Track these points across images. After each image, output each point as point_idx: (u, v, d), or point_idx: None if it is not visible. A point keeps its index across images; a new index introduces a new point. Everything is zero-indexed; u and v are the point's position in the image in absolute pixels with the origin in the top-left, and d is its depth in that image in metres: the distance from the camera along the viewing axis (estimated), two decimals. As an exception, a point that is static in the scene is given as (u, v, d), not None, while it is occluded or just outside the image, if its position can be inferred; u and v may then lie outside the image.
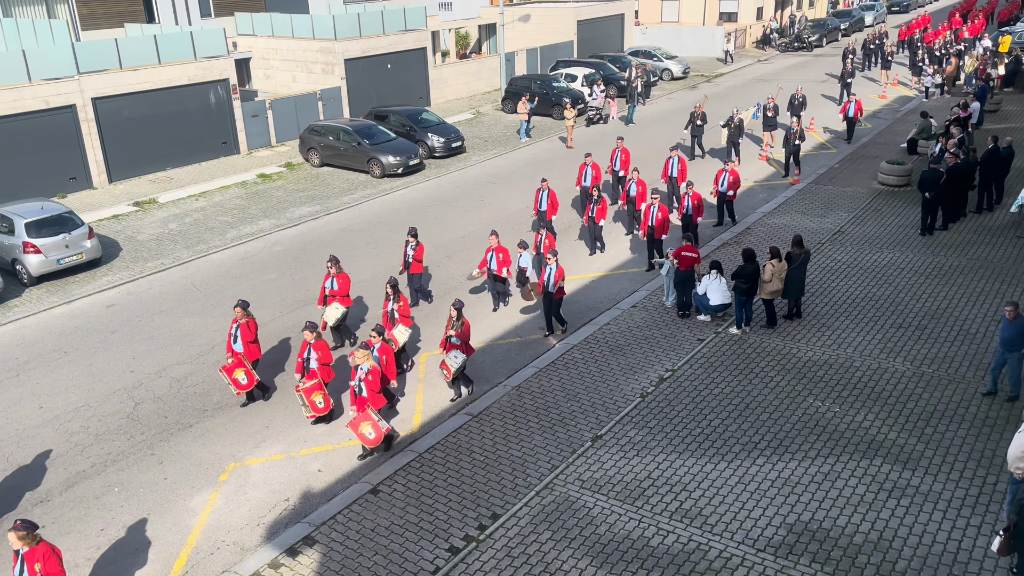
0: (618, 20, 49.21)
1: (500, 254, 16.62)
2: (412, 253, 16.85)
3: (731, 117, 25.74)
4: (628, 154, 22.61)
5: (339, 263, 15.37)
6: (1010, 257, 18.21)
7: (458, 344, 13.55)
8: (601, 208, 19.30)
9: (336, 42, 33.00)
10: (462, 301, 13.76)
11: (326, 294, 15.38)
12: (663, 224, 18.02)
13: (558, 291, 15.47)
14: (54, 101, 24.73)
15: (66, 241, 19.23)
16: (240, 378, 13.62)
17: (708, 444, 12.19)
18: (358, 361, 12.21)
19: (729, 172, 20.47)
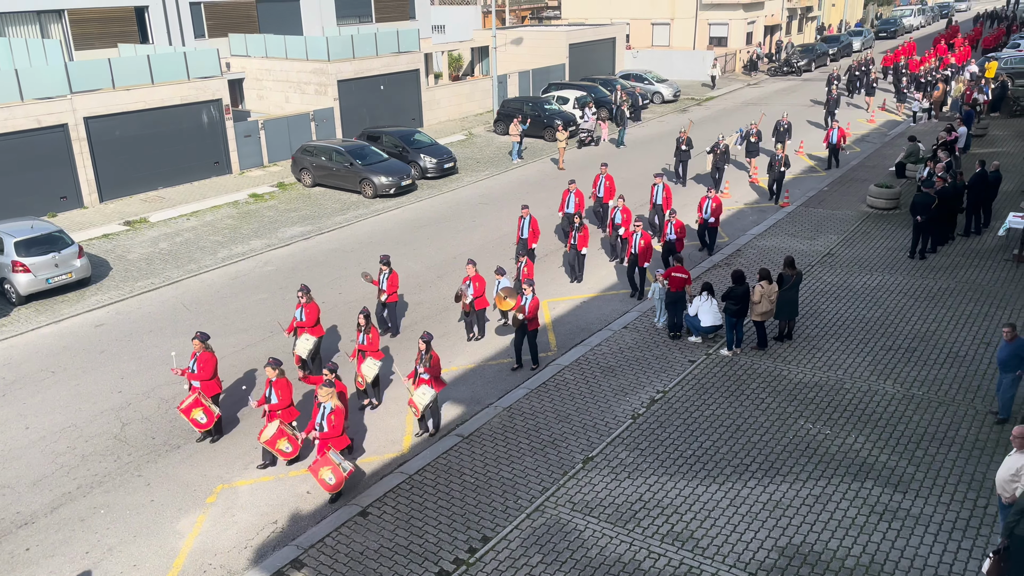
0: (609, 44, 49.65)
1: (476, 283, 16.24)
2: (385, 282, 16.45)
3: (716, 143, 25.74)
4: (612, 180, 22.55)
5: (309, 292, 15.02)
6: (998, 280, 18.33)
7: (427, 379, 13.05)
8: (583, 236, 19.03)
9: (329, 63, 33.15)
10: (431, 334, 13.20)
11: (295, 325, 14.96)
12: (646, 251, 17.92)
13: (532, 321, 15.02)
14: (46, 120, 24.72)
15: (55, 260, 19.14)
16: (199, 418, 13.07)
17: (699, 466, 12.16)
18: (321, 399, 11.76)
19: (712, 200, 20.25)
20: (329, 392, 11.73)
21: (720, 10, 53.07)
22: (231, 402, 14.67)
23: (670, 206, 21.07)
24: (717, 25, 53.67)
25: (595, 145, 34.02)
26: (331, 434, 11.69)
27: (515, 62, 44.96)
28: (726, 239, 22.28)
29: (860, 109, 38.84)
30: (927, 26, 76.21)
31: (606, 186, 22.44)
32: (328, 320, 17.86)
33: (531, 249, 19.34)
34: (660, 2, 54.69)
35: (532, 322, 15.03)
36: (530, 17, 67.38)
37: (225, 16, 37.92)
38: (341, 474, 11.53)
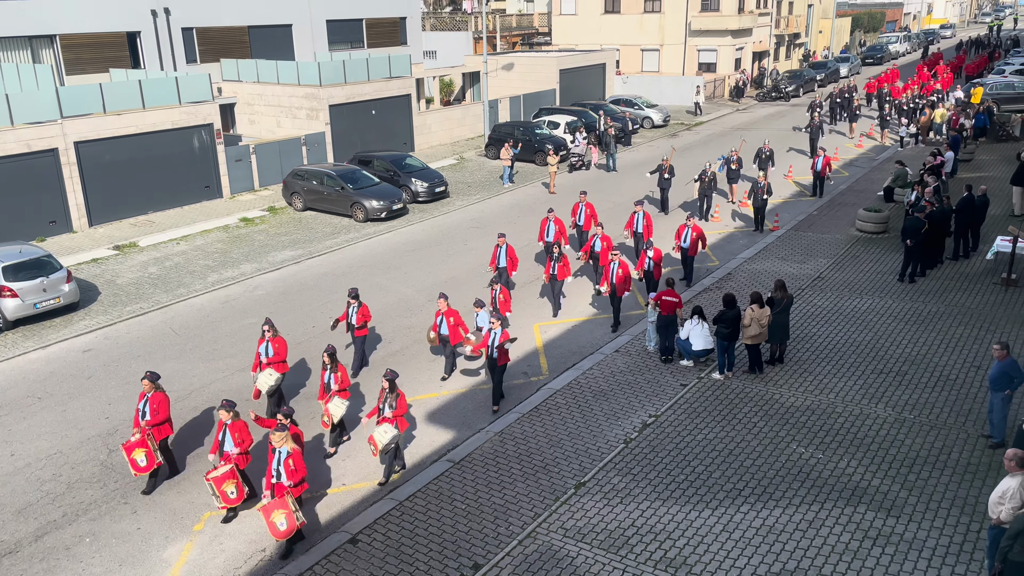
0: (599, 69, 50.11)
1: (451, 318, 15.71)
2: (355, 315, 15.82)
3: (704, 171, 25.60)
4: (592, 208, 22.24)
5: (275, 327, 14.46)
6: (987, 303, 18.43)
7: (390, 417, 12.49)
8: (563, 265, 18.61)
9: (321, 88, 33.30)
10: (395, 372, 12.74)
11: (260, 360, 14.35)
12: (624, 281, 17.61)
13: (502, 355, 14.56)
14: (36, 145, 24.68)
15: (44, 285, 19.00)
16: (139, 459, 12.30)
17: (692, 491, 12.09)
18: (276, 444, 11.06)
19: (692, 228, 19.80)
20: (283, 437, 11.08)
21: (708, 36, 53.68)
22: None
23: (650, 234, 20.86)
24: (706, 51, 54.26)
25: (586, 169, 34.19)
26: (292, 480, 11.03)
27: (506, 87, 45.30)
28: (716, 263, 22.36)
29: (843, 136, 39.03)
30: (912, 52, 77.21)
31: (586, 214, 22.15)
32: (317, 344, 17.78)
33: (509, 277, 19.02)
34: (649, 28, 55.30)
35: (502, 356, 14.56)
36: (521, 43, 67.97)
37: (217, 41, 38.14)
38: (294, 522, 10.85)
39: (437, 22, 65.77)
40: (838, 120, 42.11)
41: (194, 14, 37.20)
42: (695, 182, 26.10)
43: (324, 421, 13.48)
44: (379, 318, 19.12)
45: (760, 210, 24.55)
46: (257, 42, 39.84)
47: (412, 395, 15.57)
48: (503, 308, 16.62)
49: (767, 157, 28.73)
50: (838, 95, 42.61)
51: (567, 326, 18.59)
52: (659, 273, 18.61)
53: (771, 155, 28.90)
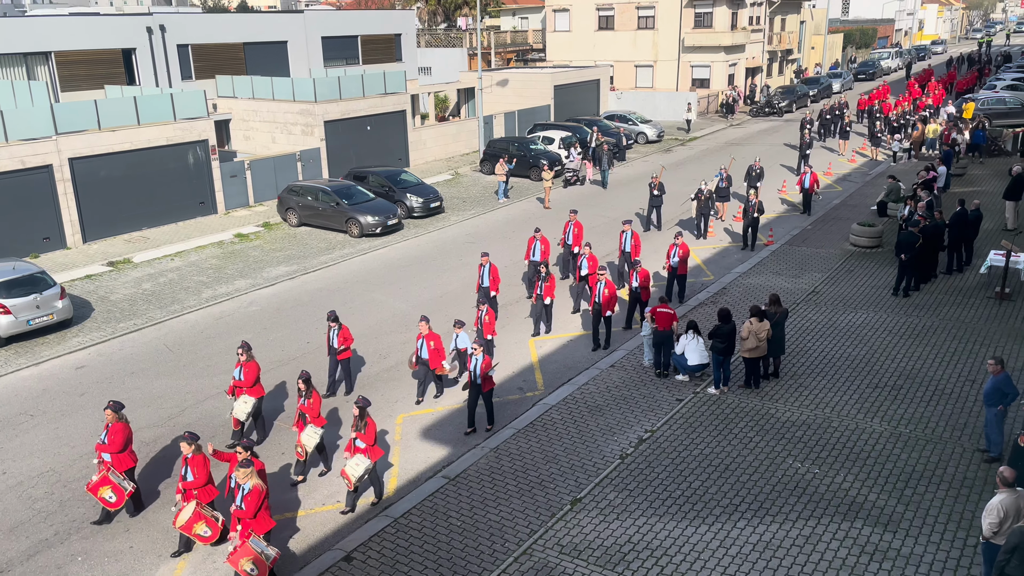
0: (594, 85, 50.37)
1: (431, 342, 15.29)
2: (336, 339, 15.46)
3: (700, 190, 25.41)
4: (581, 227, 21.94)
5: (250, 350, 13.98)
6: (981, 317, 18.47)
7: (362, 448, 12.08)
8: (549, 285, 18.36)
9: (316, 104, 33.38)
10: (367, 399, 12.27)
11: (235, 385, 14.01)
12: (610, 300, 17.37)
13: (486, 382, 14.23)
14: (30, 161, 24.66)
15: (37, 302, 18.93)
16: (108, 496, 11.80)
17: (688, 507, 12.04)
18: (239, 479, 10.49)
19: (679, 246, 19.58)
20: (247, 472, 10.49)
21: (702, 53, 54.03)
22: (213, 445, 14.43)
23: (638, 254, 20.65)
24: (699, 67, 54.61)
25: (580, 184, 34.28)
26: (246, 515, 10.45)
27: (501, 103, 45.49)
28: (711, 277, 22.40)
29: (834, 153, 39.00)
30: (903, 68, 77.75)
31: (575, 233, 21.81)
32: (310, 361, 17.73)
33: (493, 297, 18.69)
34: (643, 45, 55.67)
35: (486, 382, 14.27)
36: (515, 59, 68.33)
37: (212, 58, 38.27)
38: (264, 564, 10.31)
39: (432, 39, 66.13)
40: (829, 137, 42.04)
41: (189, 31, 37.36)
42: (692, 201, 25.82)
43: (298, 452, 12.92)
44: (374, 333, 19.09)
45: (752, 227, 24.29)
46: (252, 59, 40.00)
47: (407, 411, 15.52)
48: (487, 330, 16.37)
49: (757, 174, 28.49)
50: (828, 112, 42.43)
51: (562, 341, 18.57)
52: (646, 294, 18.33)
53: (761, 172, 28.70)
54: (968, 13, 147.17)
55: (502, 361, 17.50)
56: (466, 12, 72.04)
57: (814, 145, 37.98)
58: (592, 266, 19.07)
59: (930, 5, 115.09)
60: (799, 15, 68.23)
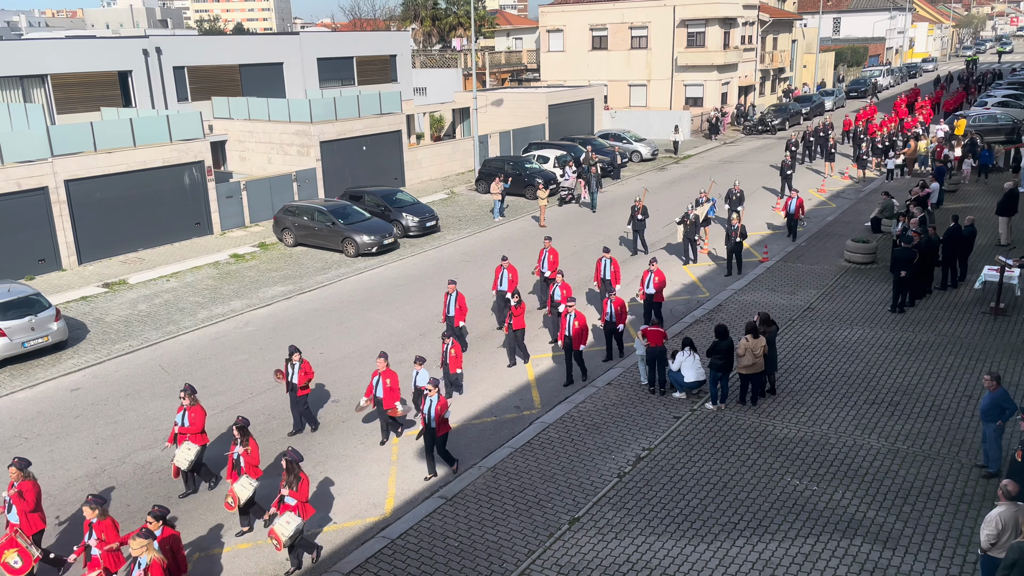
0: (588, 104, 50.66)
1: (387, 379, 14.40)
2: (297, 374, 14.79)
3: (686, 214, 24.80)
4: (556, 255, 21.18)
5: (194, 393, 13.26)
6: (977, 332, 18.51)
7: (292, 505, 11.20)
8: (518, 316, 17.60)
9: (312, 125, 33.52)
10: (298, 453, 11.41)
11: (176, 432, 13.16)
12: (580, 333, 16.54)
13: (441, 425, 13.38)
14: (26, 183, 24.68)
15: (32, 324, 18.88)
16: (12, 562, 10.69)
17: (687, 525, 11.98)
18: (134, 552, 9.37)
19: (655, 273, 18.92)
20: (143, 545, 9.39)
21: (695, 72, 54.44)
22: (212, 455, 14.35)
23: (618, 282, 19.96)
24: (692, 86, 54.99)
25: (576, 203, 34.38)
26: None
27: (496, 122, 45.72)
28: (707, 294, 22.43)
29: (819, 174, 37.93)
30: (895, 86, 78.42)
31: (550, 260, 21.02)
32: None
33: (459, 328, 18.11)
34: (636, 64, 56.08)
35: (441, 425, 13.42)
36: (510, 79, 68.76)
37: (208, 80, 38.46)
38: None
39: (427, 59, 66.55)
40: (814, 159, 40.96)
41: (185, 53, 37.56)
42: (678, 225, 25.20)
43: (228, 503, 11.90)
44: (370, 352, 19.04)
45: (735, 253, 23.56)
46: (248, 80, 40.20)
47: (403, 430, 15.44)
48: (453, 365, 15.86)
49: (737, 198, 27.67)
50: (812, 133, 41.37)
51: (559, 359, 18.54)
52: (622, 322, 17.68)
53: (741, 196, 27.86)
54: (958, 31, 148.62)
55: (497, 381, 17.47)
56: (461, 33, 72.60)
57: (797, 167, 36.93)
58: (565, 296, 18.16)
59: (920, 23, 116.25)
60: (791, 34, 68.88)
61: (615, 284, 19.84)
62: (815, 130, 41.59)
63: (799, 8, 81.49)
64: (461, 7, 73.88)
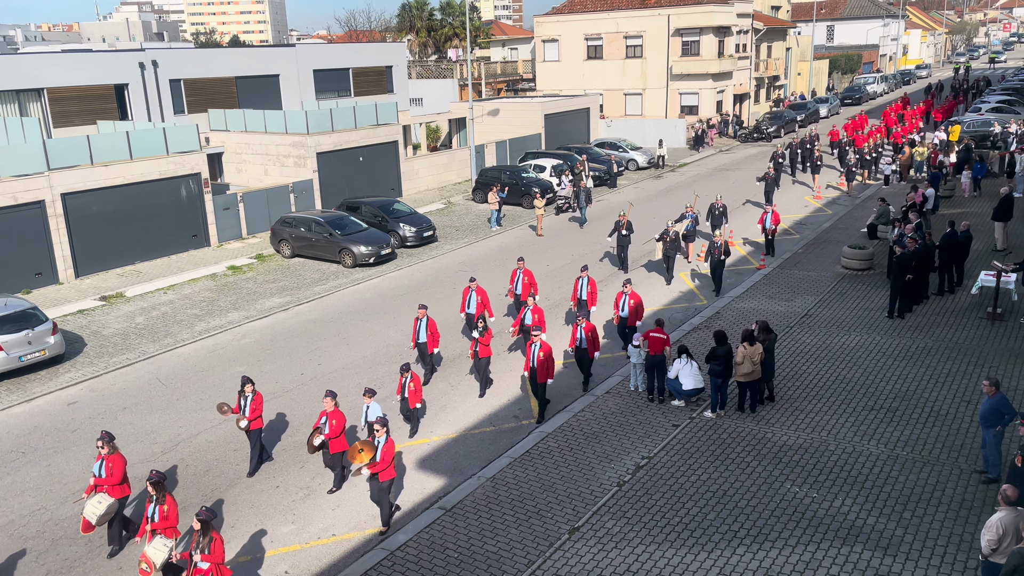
0: (584, 114, 50.79)
1: (334, 420, 13.37)
2: (248, 407, 13.92)
3: (666, 230, 23.85)
4: (531, 276, 20.19)
5: (112, 441, 12.04)
6: (974, 338, 18.52)
7: (205, 569, 10.25)
8: (485, 342, 16.64)
9: (308, 136, 33.57)
10: (212, 511, 10.50)
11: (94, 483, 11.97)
12: (545, 363, 15.46)
13: (385, 471, 12.31)
14: (22, 197, 24.66)
15: (29, 338, 18.83)
16: None
17: (687, 534, 11.95)
18: None
19: (630, 295, 18.05)
20: None
21: (690, 80, 54.63)
22: (207, 479, 14.30)
23: (594, 303, 19.17)
24: (688, 94, 55.17)
25: (573, 212, 34.42)
26: None
27: (492, 132, 45.82)
28: (704, 302, 22.43)
29: (807, 187, 37.12)
30: (889, 92, 78.73)
31: (524, 282, 20.03)
32: (305, 393, 17.64)
33: (431, 354, 17.30)
34: (632, 73, 56.28)
35: (386, 471, 12.35)
36: (506, 89, 68.96)
37: (205, 92, 38.50)
38: None
39: (423, 70, 66.74)
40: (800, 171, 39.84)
41: (182, 66, 37.62)
42: (656, 241, 24.24)
43: (143, 569, 10.81)
44: (368, 363, 19.03)
45: (717, 270, 22.56)
46: (245, 92, 40.25)
47: (401, 442, 15.39)
48: (413, 399, 14.99)
49: (720, 213, 26.63)
50: (799, 145, 40.22)
51: (557, 368, 18.51)
52: (593, 349, 16.61)
53: (724, 211, 26.76)
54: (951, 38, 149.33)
55: (494, 391, 17.45)
56: (456, 44, 72.86)
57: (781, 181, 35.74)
58: (537, 321, 17.35)
59: (913, 30, 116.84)
60: (785, 42, 69.19)
61: (591, 305, 19.07)
62: (801, 141, 40.42)
63: (793, 16, 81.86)
64: (457, 18, 74.17)
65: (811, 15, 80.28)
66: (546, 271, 25.88)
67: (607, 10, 56.49)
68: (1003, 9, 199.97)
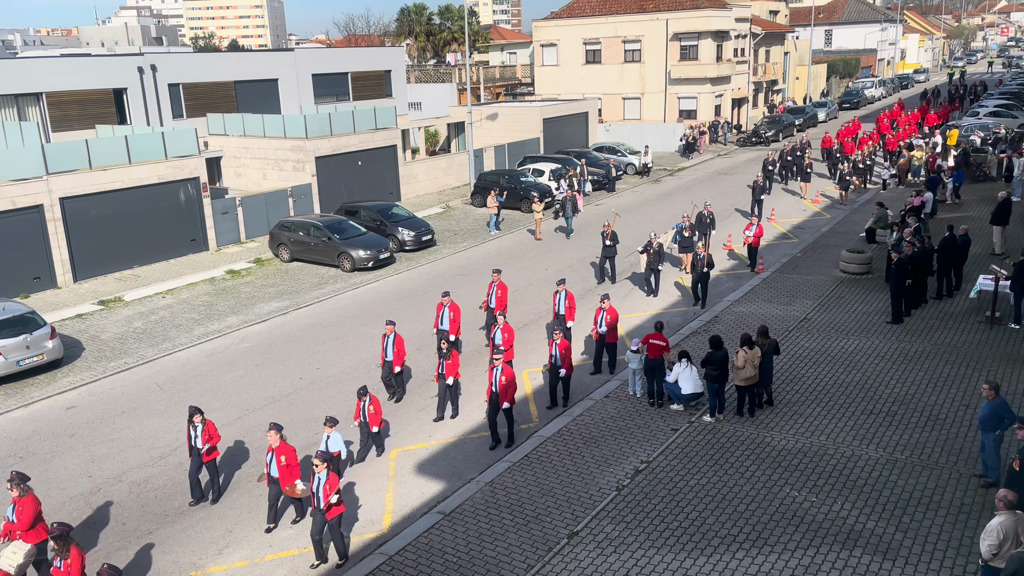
0: (582, 118, 50.85)
1: (283, 456, 12.51)
2: (200, 437, 13.27)
3: (649, 242, 22.84)
4: (505, 290, 19.56)
5: (25, 482, 11.29)
6: (973, 342, 18.53)
7: None
8: (451, 363, 15.84)
9: (307, 140, 33.57)
10: (66, 525, 10.21)
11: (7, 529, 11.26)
12: (508, 388, 14.73)
13: (329, 509, 11.60)
14: (21, 201, 24.65)
15: (27, 342, 18.80)
16: None
17: (686, 538, 11.94)
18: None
19: (607, 311, 17.41)
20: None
21: (688, 84, 54.70)
22: (205, 484, 14.27)
23: (572, 318, 18.62)
24: (686, 99, 55.24)
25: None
26: None
27: (491, 136, 45.85)
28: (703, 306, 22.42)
29: (797, 195, 36.30)
30: (887, 96, 78.82)
31: (498, 296, 19.35)
32: (304, 396, 17.61)
33: (398, 373, 16.73)
34: (630, 78, 56.35)
35: (331, 509, 11.59)
36: (504, 93, 69.02)
37: (203, 96, 38.51)
38: None
39: (422, 74, 66.80)
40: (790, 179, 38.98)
41: (180, 71, 37.63)
42: (640, 254, 23.38)
43: None
44: (367, 368, 19.01)
45: (701, 283, 21.83)
46: (243, 96, 40.27)
47: (400, 445, 15.39)
48: (373, 421, 14.50)
49: (709, 222, 25.98)
50: (789, 152, 39.22)
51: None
52: (567, 365, 16.14)
53: (712, 220, 26.21)
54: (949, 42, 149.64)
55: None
56: (455, 48, 72.94)
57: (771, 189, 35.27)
58: (506, 339, 16.90)
59: (912, 35, 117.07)
60: (783, 46, 69.31)
61: (569, 320, 18.53)
62: (792, 149, 39.37)
63: (791, 21, 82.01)
64: (455, 22, 74.26)
65: (809, 19, 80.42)
66: (544, 275, 25.89)
67: (606, 15, 56.59)
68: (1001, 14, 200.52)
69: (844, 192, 34.65)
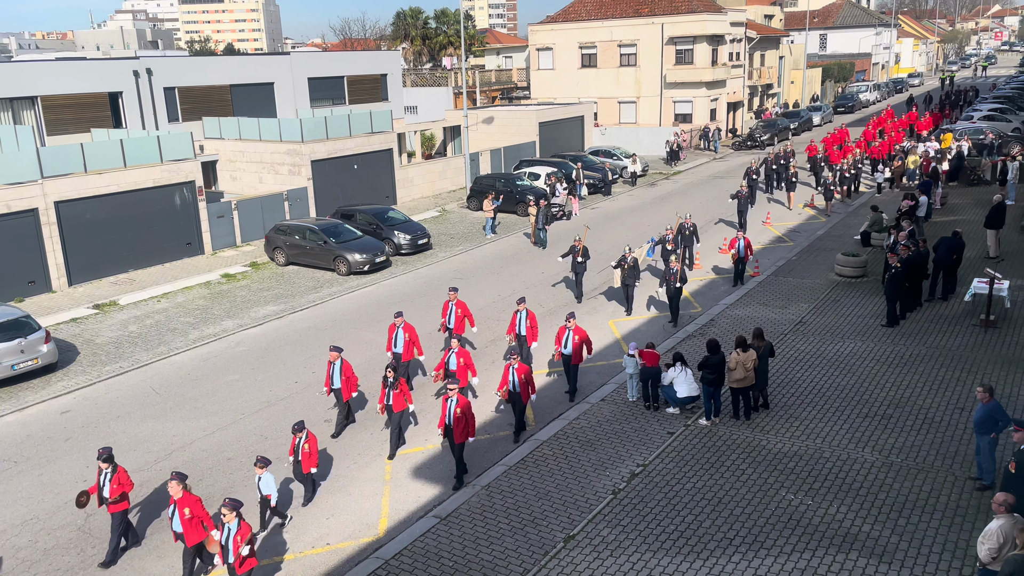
0: (578, 122, 50.94)
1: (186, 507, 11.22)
2: (108, 485, 12.00)
3: (623, 257, 21.81)
4: (465, 308, 18.41)
5: None
6: (967, 345, 18.58)
7: None
8: (399, 393, 14.65)
9: (303, 144, 33.57)
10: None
11: None
12: (462, 421, 13.50)
13: (242, 563, 10.52)
14: (16, 205, 24.60)
15: (21, 346, 18.75)
16: None
17: (683, 542, 11.94)
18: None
19: (573, 330, 16.56)
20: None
21: (683, 88, 54.82)
22: (201, 488, 14.23)
23: (535, 339, 17.61)
24: (681, 102, 55.35)
25: (567, 219, 34.48)
26: None
27: (487, 140, 45.88)
28: (699, 309, 22.46)
29: (781, 205, 35.44)
30: (882, 101, 79.05)
31: (457, 315, 18.24)
32: (300, 400, 17.58)
33: (347, 403, 15.79)
34: (626, 82, 56.45)
35: (244, 562, 10.55)
36: (500, 97, 69.10)
37: (199, 100, 38.50)
38: None
39: (418, 78, 66.85)
40: (775, 188, 37.94)
41: (176, 74, 37.62)
42: (614, 269, 22.29)
43: None
44: (363, 372, 18.97)
45: (674, 299, 20.96)
46: (239, 100, 40.26)
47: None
48: (307, 464, 13.23)
49: (690, 234, 25.08)
50: (773, 161, 38.20)
51: (552, 375, 18.51)
52: (527, 393, 15.09)
53: (695, 231, 25.32)
54: (943, 46, 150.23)
55: (489, 399, 17.40)
56: (451, 52, 73.01)
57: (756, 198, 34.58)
58: (464, 365, 15.85)
59: (906, 39, 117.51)
60: (778, 51, 69.52)
61: (531, 342, 17.55)
62: (776, 157, 38.19)
63: (786, 25, 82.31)
64: (451, 26, 74.34)
65: (804, 24, 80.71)
66: (540, 278, 25.92)
67: (601, 19, 56.70)
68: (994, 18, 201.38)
69: (828, 202, 33.55)
